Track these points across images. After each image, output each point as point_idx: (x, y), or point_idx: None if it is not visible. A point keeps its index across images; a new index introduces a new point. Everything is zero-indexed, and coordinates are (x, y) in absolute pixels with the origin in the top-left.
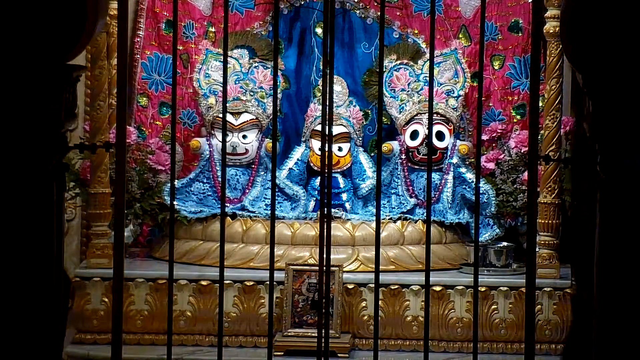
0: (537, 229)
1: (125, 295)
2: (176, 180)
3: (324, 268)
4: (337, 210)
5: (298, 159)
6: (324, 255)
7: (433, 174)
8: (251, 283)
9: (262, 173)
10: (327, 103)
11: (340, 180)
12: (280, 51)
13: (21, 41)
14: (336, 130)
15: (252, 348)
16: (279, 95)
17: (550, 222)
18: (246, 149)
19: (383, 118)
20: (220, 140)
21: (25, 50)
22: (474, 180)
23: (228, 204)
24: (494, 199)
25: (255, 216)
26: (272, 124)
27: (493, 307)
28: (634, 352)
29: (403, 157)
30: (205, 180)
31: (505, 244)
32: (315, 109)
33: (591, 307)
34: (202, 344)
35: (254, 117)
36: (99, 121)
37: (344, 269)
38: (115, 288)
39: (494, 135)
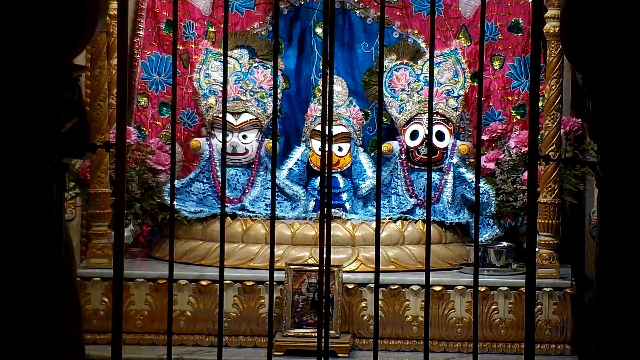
0: (537, 229)
1: (125, 295)
2: (176, 180)
3: (324, 268)
4: (337, 210)
5: (298, 159)
6: (324, 255)
7: (433, 174)
8: (251, 283)
9: (262, 173)
10: (327, 103)
11: (340, 180)
12: (280, 51)
13: (21, 41)
14: (336, 130)
15: (252, 348)
16: (279, 95)
17: (550, 222)
18: (246, 149)
19: (383, 118)
20: (220, 140)
21: (24, 50)
22: (474, 180)
23: (228, 204)
24: (494, 199)
25: (255, 216)
26: (272, 124)
27: (493, 307)
28: (635, 352)
29: (403, 157)
30: (205, 180)
31: (505, 244)
32: (315, 109)
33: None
34: (202, 344)
35: (254, 117)
36: (99, 121)
37: (344, 269)
38: (115, 288)
39: (494, 135)
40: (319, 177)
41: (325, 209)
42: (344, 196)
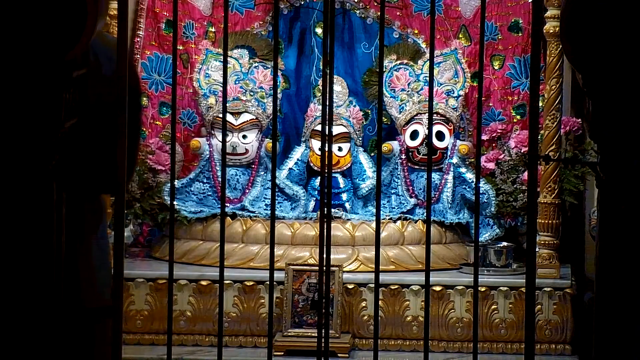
0: (537, 229)
1: (125, 295)
2: (176, 180)
3: (324, 268)
4: (337, 210)
5: (298, 159)
6: (324, 255)
7: (433, 174)
8: (251, 283)
9: (262, 173)
10: (327, 103)
11: (340, 180)
12: (280, 51)
13: (21, 41)
14: (336, 130)
15: (252, 348)
16: (279, 95)
17: (550, 222)
18: (246, 149)
19: (383, 118)
20: (220, 140)
21: (24, 50)
22: (474, 180)
23: (228, 204)
24: (494, 199)
25: (255, 216)
26: (272, 124)
27: (493, 307)
28: (635, 352)
29: (403, 157)
30: (205, 180)
31: (505, 244)
32: (315, 109)
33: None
34: (202, 344)
35: (254, 117)
36: None
37: (344, 269)
38: (115, 288)
39: (494, 135)
40: (319, 177)
41: (325, 209)
42: (344, 196)
